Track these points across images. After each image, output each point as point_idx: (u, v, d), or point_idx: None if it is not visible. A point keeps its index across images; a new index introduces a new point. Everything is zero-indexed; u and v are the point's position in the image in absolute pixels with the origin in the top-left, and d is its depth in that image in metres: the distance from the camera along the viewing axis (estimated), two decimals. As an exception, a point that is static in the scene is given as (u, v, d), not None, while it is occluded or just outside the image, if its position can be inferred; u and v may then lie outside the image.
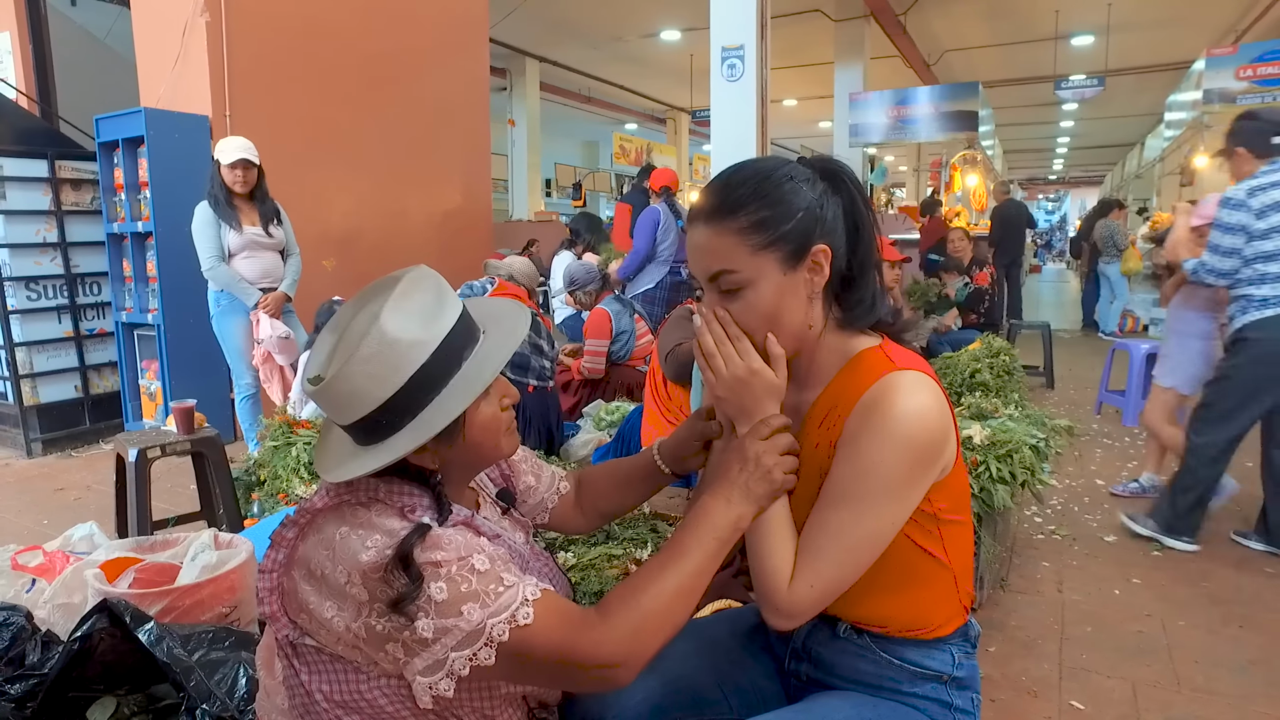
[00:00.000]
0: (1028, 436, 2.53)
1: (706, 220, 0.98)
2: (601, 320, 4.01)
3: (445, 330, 0.94)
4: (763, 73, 5.48)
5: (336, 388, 0.91)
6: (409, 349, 0.91)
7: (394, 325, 0.90)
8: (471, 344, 0.97)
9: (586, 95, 16.70)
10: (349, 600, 0.87)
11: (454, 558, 0.88)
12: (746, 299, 0.98)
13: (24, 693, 1.49)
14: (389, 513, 0.92)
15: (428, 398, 0.92)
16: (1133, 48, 12.41)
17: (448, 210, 6.16)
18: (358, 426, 0.94)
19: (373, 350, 0.89)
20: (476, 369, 0.95)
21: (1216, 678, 2.15)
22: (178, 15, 4.41)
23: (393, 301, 0.92)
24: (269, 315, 3.73)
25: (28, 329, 4.46)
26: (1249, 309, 2.80)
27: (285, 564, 0.94)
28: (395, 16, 5.51)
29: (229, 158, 3.65)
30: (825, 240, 0.98)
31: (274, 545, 0.95)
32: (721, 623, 1.27)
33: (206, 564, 1.91)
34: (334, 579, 0.88)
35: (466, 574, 0.87)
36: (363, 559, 0.87)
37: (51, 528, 3.14)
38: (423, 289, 0.95)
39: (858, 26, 11.17)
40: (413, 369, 0.91)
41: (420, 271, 0.98)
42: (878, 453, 0.93)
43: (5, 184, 4.32)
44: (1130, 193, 19.39)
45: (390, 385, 0.90)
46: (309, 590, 0.90)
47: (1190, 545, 2.97)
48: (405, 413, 0.92)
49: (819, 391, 1.04)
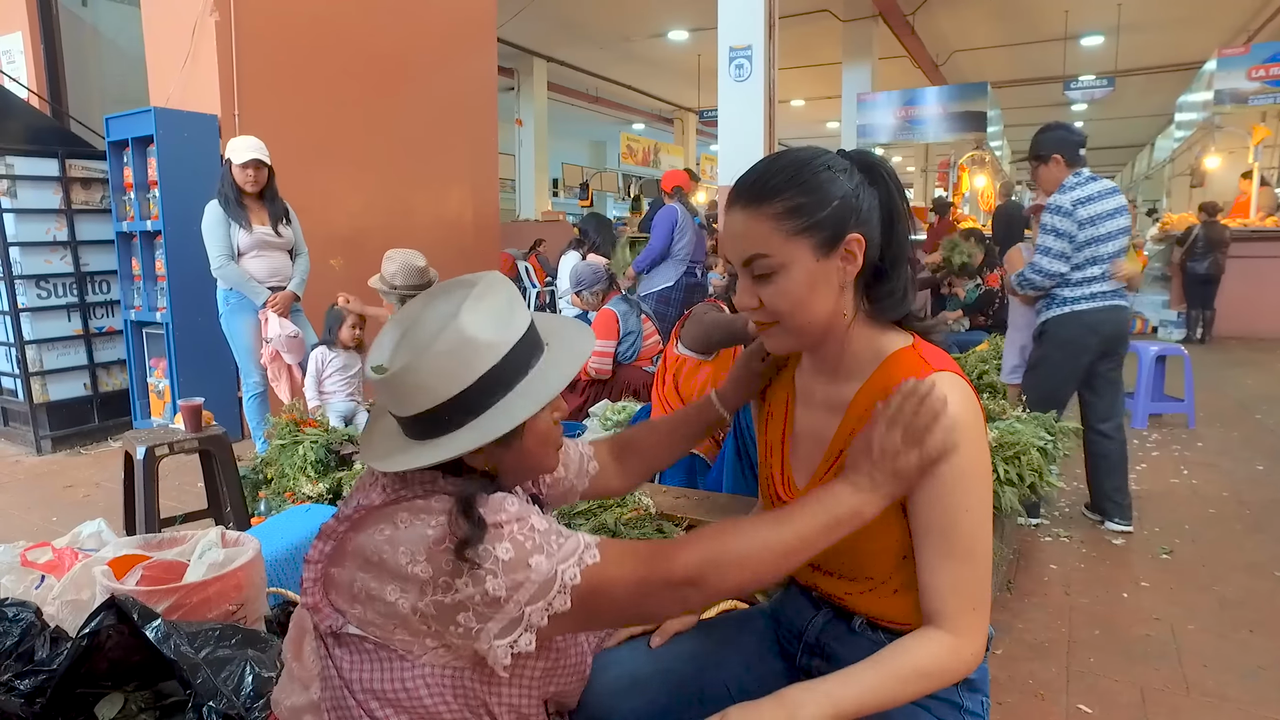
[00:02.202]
0: (1035, 439, 2.52)
1: (743, 205, 0.99)
2: (608, 321, 4.00)
3: (517, 336, 0.94)
4: (770, 73, 5.47)
5: (404, 379, 0.91)
6: (483, 349, 0.91)
7: (472, 324, 0.91)
8: (538, 353, 0.98)
9: (594, 95, 16.71)
10: (412, 581, 0.88)
11: (513, 517, 0.90)
12: (779, 284, 0.98)
13: (33, 688, 1.49)
14: (445, 501, 0.92)
15: (492, 400, 0.93)
16: (1143, 48, 12.35)
17: (455, 210, 6.17)
18: (417, 420, 0.94)
19: (449, 346, 0.90)
20: (542, 378, 0.96)
21: (1226, 682, 2.13)
22: (187, 15, 4.43)
23: (471, 301, 0.92)
24: (278, 314, 3.75)
25: (38, 327, 4.48)
26: (1052, 305, 3.14)
27: (332, 555, 0.94)
28: (403, 16, 5.52)
29: (242, 158, 3.66)
30: (859, 230, 0.98)
31: (321, 537, 0.95)
32: (729, 623, 1.26)
33: (213, 562, 1.91)
34: (394, 562, 0.89)
35: (528, 532, 0.89)
36: (428, 533, 0.88)
37: (60, 525, 3.15)
38: (497, 293, 0.96)
39: (866, 27, 11.15)
40: (484, 369, 0.91)
41: (495, 276, 0.99)
42: (949, 459, 0.94)
43: (16, 183, 4.35)
44: (1140, 194, 19.30)
45: (459, 382, 0.91)
46: (366, 578, 0.91)
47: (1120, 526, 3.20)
48: (468, 412, 0.92)
49: (857, 387, 1.04)
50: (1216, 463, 4.10)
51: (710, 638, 1.21)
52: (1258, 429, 4.80)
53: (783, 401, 1.16)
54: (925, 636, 0.97)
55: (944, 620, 0.96)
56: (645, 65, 14.51)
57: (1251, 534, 3.15)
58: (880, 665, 0.95)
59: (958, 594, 0.96)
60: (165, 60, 4.60)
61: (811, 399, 1.11)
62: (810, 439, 1.10)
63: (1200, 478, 3.87)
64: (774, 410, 1.17)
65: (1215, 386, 5.93)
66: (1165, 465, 4.07)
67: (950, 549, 0.95)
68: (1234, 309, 8.30)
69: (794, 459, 1.13)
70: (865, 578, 1.05)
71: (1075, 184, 3.07)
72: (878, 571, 1.04)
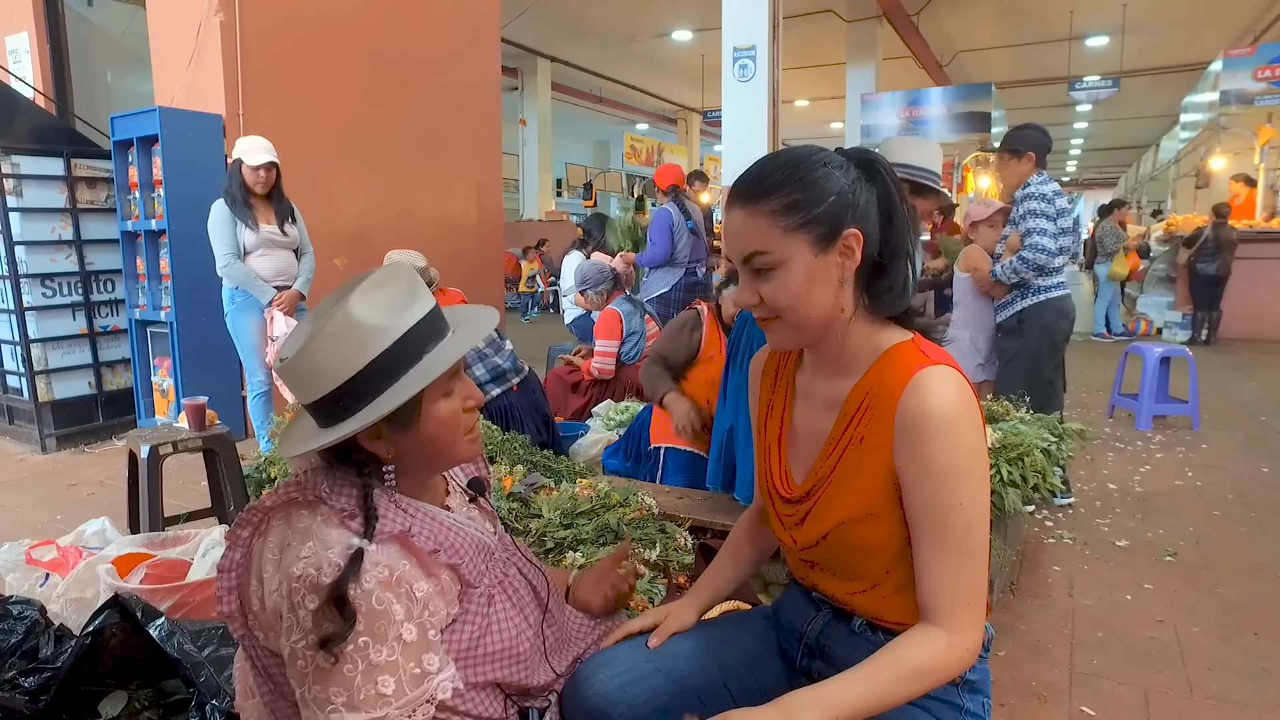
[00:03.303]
0: (1039, 440, 2.52)
1: (742, 203, 1.00)
2: (612, 320, 4.00)
3: (411, 322, 0.96)
4: (774, 73, 5.47)
5: (300, 365, 0.94)
6: (372, 333, 0.93)
7: (360, 309, 0.94)
8: (437, 339, 0.99)
9: (598, 95, 16.72)
10: (275, 610, 0.90)
11: (387, 619, 0.88)
12: (778, 279, 0.99)
13: (37, 686, 1.50)
14: (331, 519, 0.93)
15: (386, 383, 0.94)
16: (1148, 48, 12.32)
17: (458, 209, 6.17)
18: (318, 406, 0.96)
19: (337, 330, 0.93)
20: (433, 359, 0.97)
21: (1230, 685, 2.12)
22: (192, 15, 4.44)
23: (363, 289, 0.95)
24: (284, 313, 3.76)
25: (43, 325, 4.50)
26: (1028, 294, 3.28)
27: (243, 564, 0.96)
28: (407, 16, 5.53)
29: (257, 159, 3.67)
30: (857, 225, 0.98)
31: (231, 545, 0.97)
32: (729, 624, 1.26)
33: (217, 560, 1.92)
34: (269, 584, 0.91)
35: (393, 642, 0.88)
36: (293, 571, 0.88)
37: (65, 523, 3.16)
38: (395, 282, 0.98)
39: (870, 27, 11.14)
40: (374, 353, 0.93)
41: (396, 267, 1.01)
42: (943, 452, 0.94)
43: (22, 182, 4.36)
44: (1145, 195, 19.25)
45: (351, 366, 0.93)
46: (255, 589, 0.93)
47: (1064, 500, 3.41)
48: (363, 396, 0.94)
49: (853, 382, 1.04)
50: (1221, 465, 4.09)
51: (709, 638, 1.21)
52: (1263, 431, 4.79)
53: (782, 399, 1.16)
54: (920, 635, 0.97)
55: (938, 615, 0.96)
56: (649, 65, 14.52)
57: (1256, 537, 3.14)
58: (877, 666, 0.95)
59: (951, 588, 0.96)
60: (170, 60, 4.62)
61: (811, 396, 1.11)
62: (808, 435, 1.10)
63: (1204, 480, 3.85)
64: (773, 407, 1.18)
65: (1220, 388, 5.92)
66: (1169, 467, 4.06)
67: (944, 543, 0.96)
68: (1239, 311, 8.28)
69: (792, 455, 1.13)
70: (864, 578, 1.05)
71: (1042, 181, 3.26)
72: (877, 572, 1.04)
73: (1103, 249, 8.97)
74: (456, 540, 1.02)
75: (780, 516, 1.13)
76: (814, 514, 1.06)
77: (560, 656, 1.16)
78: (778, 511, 1.14)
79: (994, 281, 3.43)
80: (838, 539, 1.04)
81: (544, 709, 1.11)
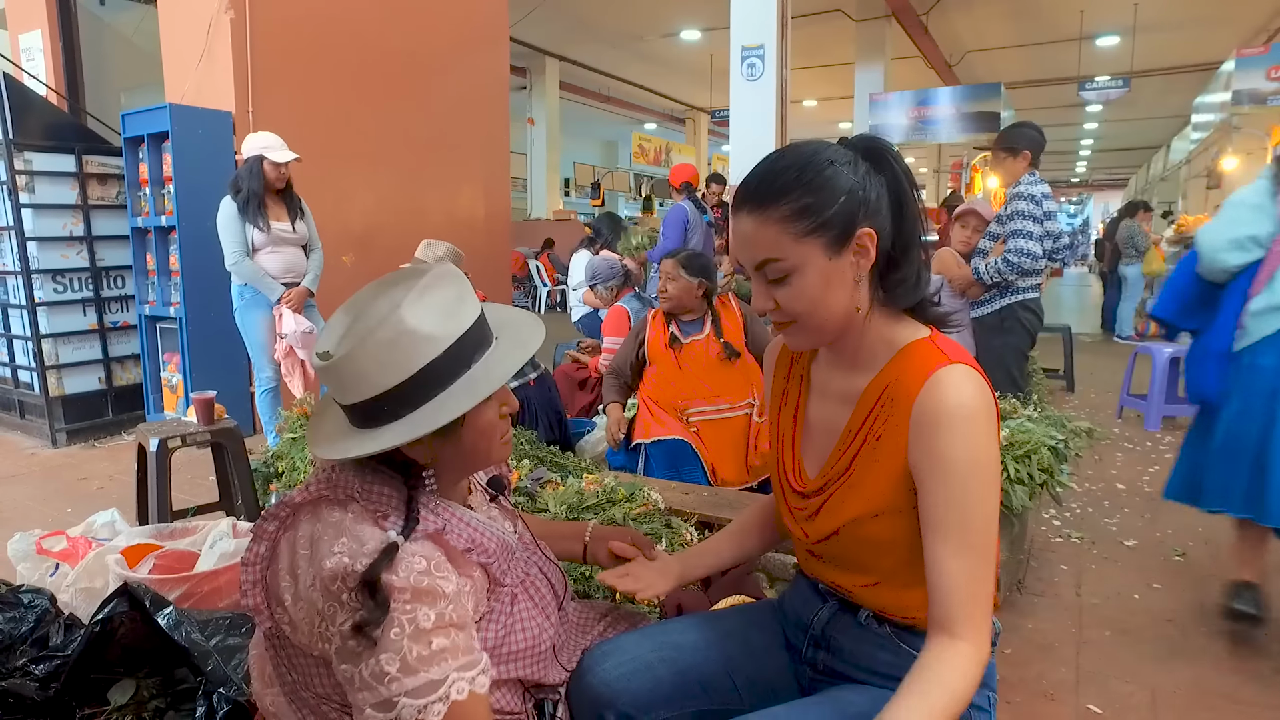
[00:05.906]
0: (1047, 438, 2.50)
1: (750, 210, 0.98)
2: (620, 318, 4.00)
3: (461, 330, 0.94)
4: (783, 73, 5.47)
5: (345, 367, 0.92)
6: (423, 342, 0.91)
7: (413, 316, 0.91)
8: (484, 347, 0.98)
9: (606, 95, 16.74)
10: (311, 605, 0.87)
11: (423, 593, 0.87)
12: (793, 286, 0.97)
13: (47, 673, 1.51)
14: (364, 517, 0.91)
15: (432, 393, 0.93)
16: (1159, 48, 12.23)
17: (466, 208, 6.18)
18: (358, 409, 0.94)
19: (388, 337, 0.90)
20: (485, 373, 0.95)
21: (1239, 685, 2.11)
22: (203, 13, 4.47)
23: (416, 293, 0.93)
24: (292, 310, 3.77)
25: (54, 321, 4.53)
26: (1008, 294, 3.35)
27: (268, 557, 0.94)
28: (416, 15, 5.55)
29: (282, 156, 3.70)
30: (869, 223, 0.96)
31: (256, 538, 0.95)
32: (735, 615, 1.26)
33: (224, 552, 1.93)
34: (303, 580, 0.88)
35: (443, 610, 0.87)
36: (326, 565, 0.86)
37: (75, 516, 3.19)
38: (445, 286, 0.96)
39: (879, 26, 11.10)
40: (424, 362, 0.92)
41: (446, 268, 0.99)
42: (960, 449, 0.91)
43: (34, 178, 4.39)
44: (1155, 196, 19.13)
45: (398, 374, 0.91)
46: (286, 585, 0.90)
47: None
48: (407, 404, 0.92)
49: (869, 378, 1.03)
50: (1231, 466, 4.06)
51: (715, 628, 1.21)
52: (1273, 432, 4.74)
53: (796, 392, 1.15)
54: (947, 655, 0.90)
55: (957, 625, 0.91)
56: (657, 65, 14.52)
57: (1266, 537, 3.12)
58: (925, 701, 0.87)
59: (969, 593, 0.93)
60: (181, 57, 4.65)
61: (826, 390, 1.10)
62: (823, 429, 1.09)
63: (1214, 480, 3.82)
64: (786, 397, 1.17)
65: (1230, 389, 5.86)
66: (1179, 468, 4.03)
67: (963, 543, 0.92)
68: (1250, 312, 8.18)
69: (805, 449, 1.12)
70: (874, 571, 1.05)
71: (1033, 181, 3.29)
72: (886, 566, 1.03)
73: (1134, 248, 8.88)
74: (485, 539, 1.03)
75: (791, 509, 1.12)
76: (827, 509, 1.05)
77: (568, 654, 1.17)
78: (789, 504, 1.13)
79: (973, 281, 3.46)
80: (850, 535, 1.03)
81: (556, 701, 1.12)
